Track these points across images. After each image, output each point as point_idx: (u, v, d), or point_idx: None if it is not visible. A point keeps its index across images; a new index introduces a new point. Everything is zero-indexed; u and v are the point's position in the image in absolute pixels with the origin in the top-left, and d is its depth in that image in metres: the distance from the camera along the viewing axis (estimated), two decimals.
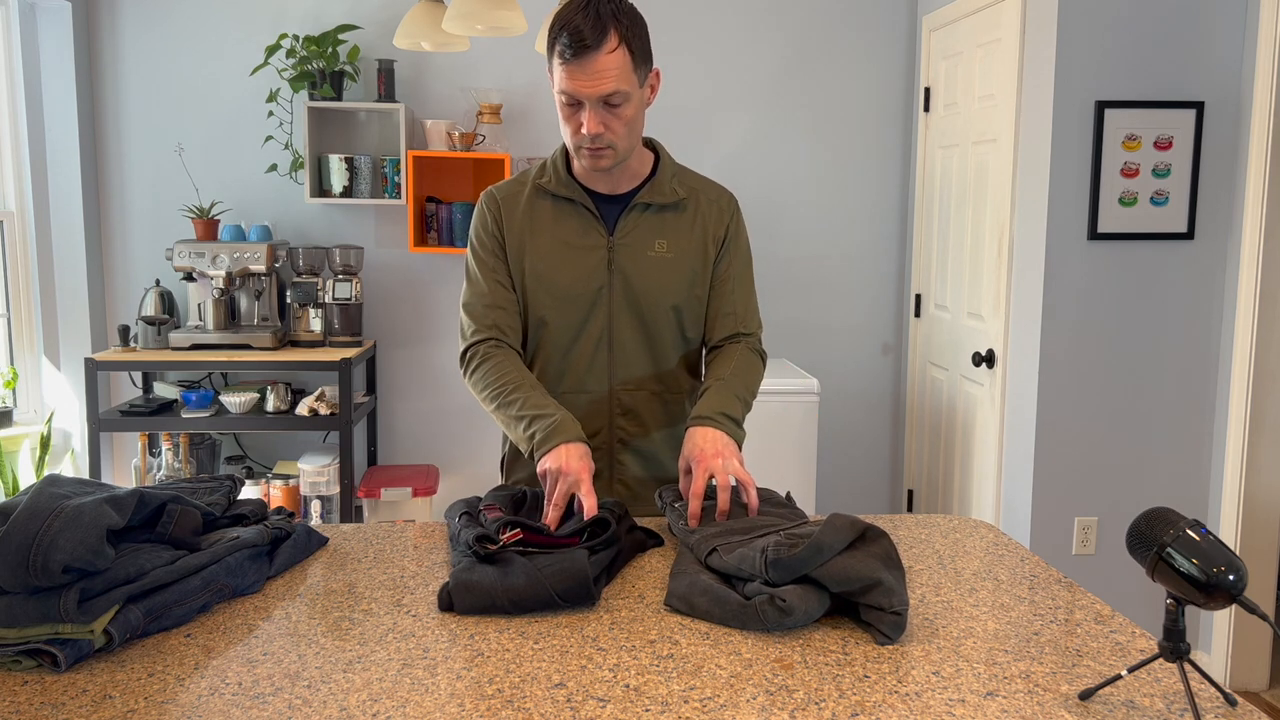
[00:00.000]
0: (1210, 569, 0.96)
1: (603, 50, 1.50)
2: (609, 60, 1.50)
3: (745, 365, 1.71)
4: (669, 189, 1.71)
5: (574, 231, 1.69)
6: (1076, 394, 3.10)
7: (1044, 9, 3.02)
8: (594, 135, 1.55)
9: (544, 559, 1.29)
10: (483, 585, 1.25)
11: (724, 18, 3.99)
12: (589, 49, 1.49)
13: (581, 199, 1.68)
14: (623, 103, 1.55)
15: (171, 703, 1.02)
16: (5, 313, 3.73)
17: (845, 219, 4.13)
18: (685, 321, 1.73)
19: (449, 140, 3.77)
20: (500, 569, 1.27)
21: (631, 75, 1.54)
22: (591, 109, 1.54)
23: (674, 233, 1.71)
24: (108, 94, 3.84)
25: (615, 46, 1.51)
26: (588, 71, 1.51)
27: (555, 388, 1.71)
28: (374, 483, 3.77)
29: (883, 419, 4.26)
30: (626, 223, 1.69)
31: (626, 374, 1.72)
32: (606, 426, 1.72)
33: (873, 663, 1.11)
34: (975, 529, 1.61)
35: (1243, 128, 2.99)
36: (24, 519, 1.10)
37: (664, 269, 1.69)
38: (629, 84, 1.54)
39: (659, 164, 1.72)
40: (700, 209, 1.73)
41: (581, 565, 1.27)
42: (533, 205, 1.70)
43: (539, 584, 1.24)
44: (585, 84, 1.51)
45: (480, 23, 2.54)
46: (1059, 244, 3.04)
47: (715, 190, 1.77)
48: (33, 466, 3.66)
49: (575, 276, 1.67)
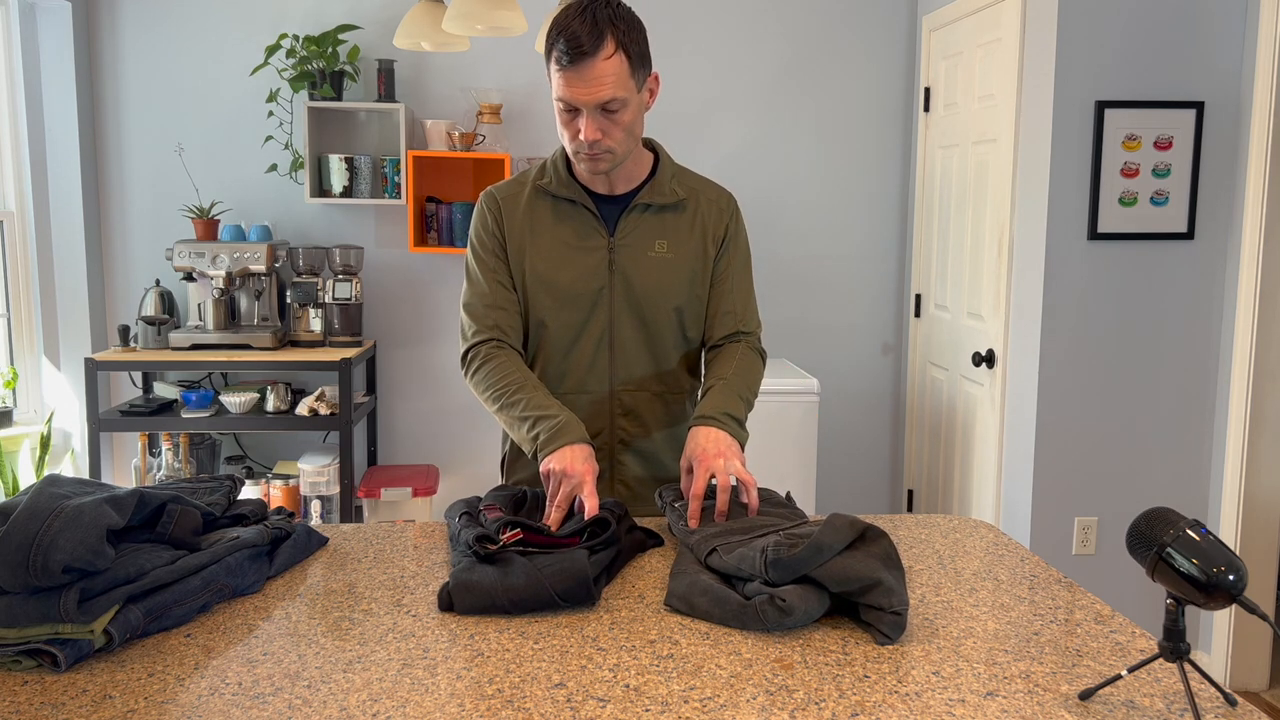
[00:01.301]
0: (1210, 569, 0.96)
1: (599, 56, 1.48)
2: (606, 66, 1.49)
3: (747, 365, 1.71)
4: (669, 189, 1.71)
5: (574, 232, 1.68)
6: (1076, 394, 3.10)
7: (1044, 9, 3.01)
8: (592, 142, 1.55)
9: (544, 559, 1.29)
10: (483, 585, 1.24)
11: (724, 18, 3.99)
12: (586, 55, 1.48)
13: (582, 199, 1.68)
14: (620, 109, 1.54)
15: (171, 703, 1.02)
16: (5, 313, 3.73)
17: (845, 219, 4.13)
18: (686, 322, 1.73)
19: (449, 140, 3.77)
20: (500, 569, 1.27)
21: (629, 81, 1.53)
22: (589, 116, 1.53)
23: (674, 233, 1.71)
24: (108, 94, 3.84)
25: (612, 53, 1.50)
26: (585, 78, 1.50)
27: (556, 388, 1.70)
28: (374, 483, 3.77)
29: (883, 419, 4.26)
30: (627, 223, 1.69)
31: (627, 374, 1.72)
32: (608, 427, 1.72)
33: (873, 663, 1.11)
34: (975, 529, 1.61)
35: (1243, 128, 2.99)
36: (24, 519, 1.10)
37: (664, 269, 1.69)
38: (626, 90, 1.53)
39: (658, 165, 1.72)
40: (700, 209, 1.73)
41: (582, 565, 1.26)
42: (533, 206, 1.70)
43: (539, 584, 1.24)
44: (582, 91, 1.51)
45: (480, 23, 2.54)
46: (1059, 244, 3.04)
47: (715, 190, 1.77)
48: (33, 466, 3.66)
49: (576, 277, 1.67)
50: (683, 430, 1.75)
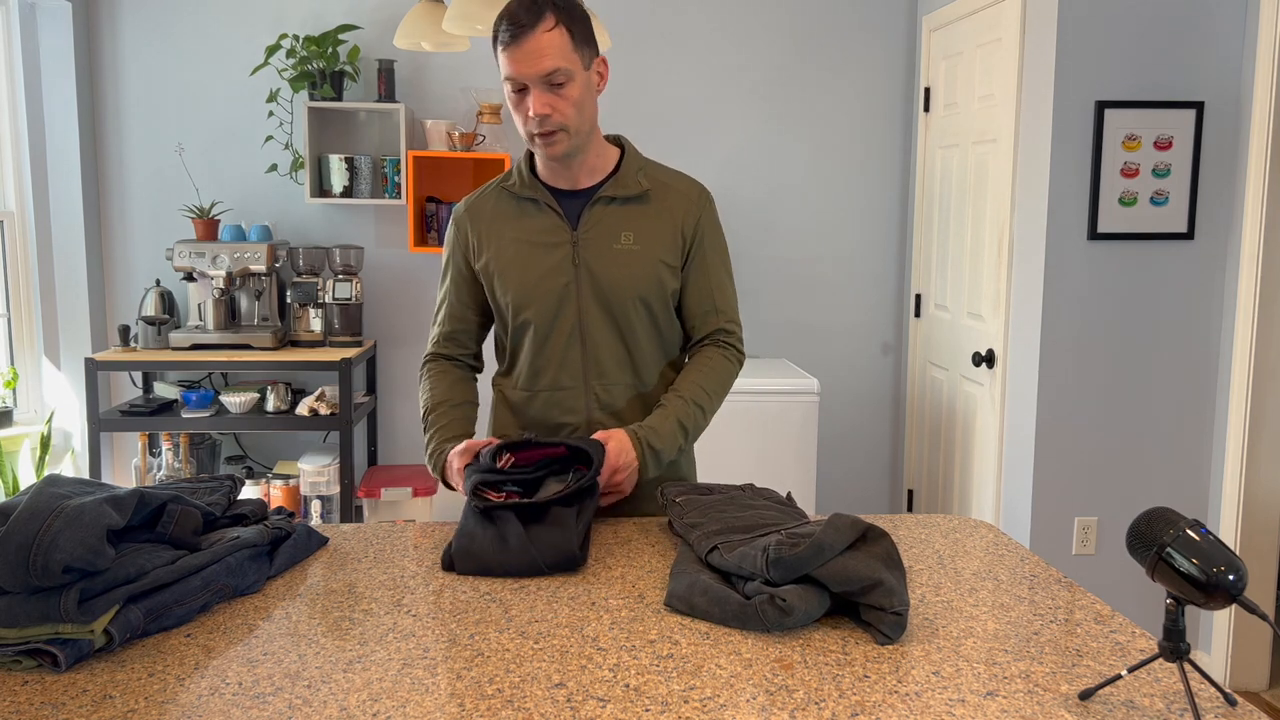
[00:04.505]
0: (1210, 569, 0.96)
1: (540, 30, 1.54)
2: (546, 40, 1.55)
3: (715, 380, 1.75)
4: (633, 182, 1.72)
5: (537, 230, 1.71)
6: (1076, 394, 3.10)
7: (1044, 9, 3.01)
8: (541, 117, 1.58)
9: (538, 530, 1.43)
10: (482, 557, 1.40)
11: (724, 18, 3.99)
12: (525, 29, 1.54)
13: (544, 197, 1.70)
14: (566, 81, 1.58)
15: (171, 703, 1.02)
16: (5, 313, 3.73)
17: (845, 219, 4.12)
18: (656, 313, 1.74)
19: (449, 140, 3.77)
20: (498, 539, 1.41)
21: (573, 54, 1.58)
22: (536, 90, 1.57)
23: (640, 225, 1.71)
24: (108, 94, 3.84)
25: (552, 26, 1.56)
26: (526, 51, 1.55)
27: (533, 384, 1.74)
28: (374, 483, 3.77)
29: (883, 419, 4.26)
30: (590, 216, 1.70)
31: (601, 368, 1.73)
32: (585, 422, 1.73)
33: (873, 663, 1.11)
34: (975, 529, 1.61)
35: (1243, 128, 2.99)
36: (24, 519, 1.10)
37: (630, 261, 1.69)
38: (570, 62, 1.57)
39: (623, 159, 1.74)
40: (668, 201, 1.74)
41: (569, 540, 1.41)
42: (498, 209, 1.74)
43: (531, 558, 1.39)
44: (525, 65, 1.55)
45: (480, 23, 2.54)
46: (1059, 244, 3.04)
47: (685, 183, 1.78)
48: (33, 466, 3.66)
49: (542, 274, 1.69)
50: None
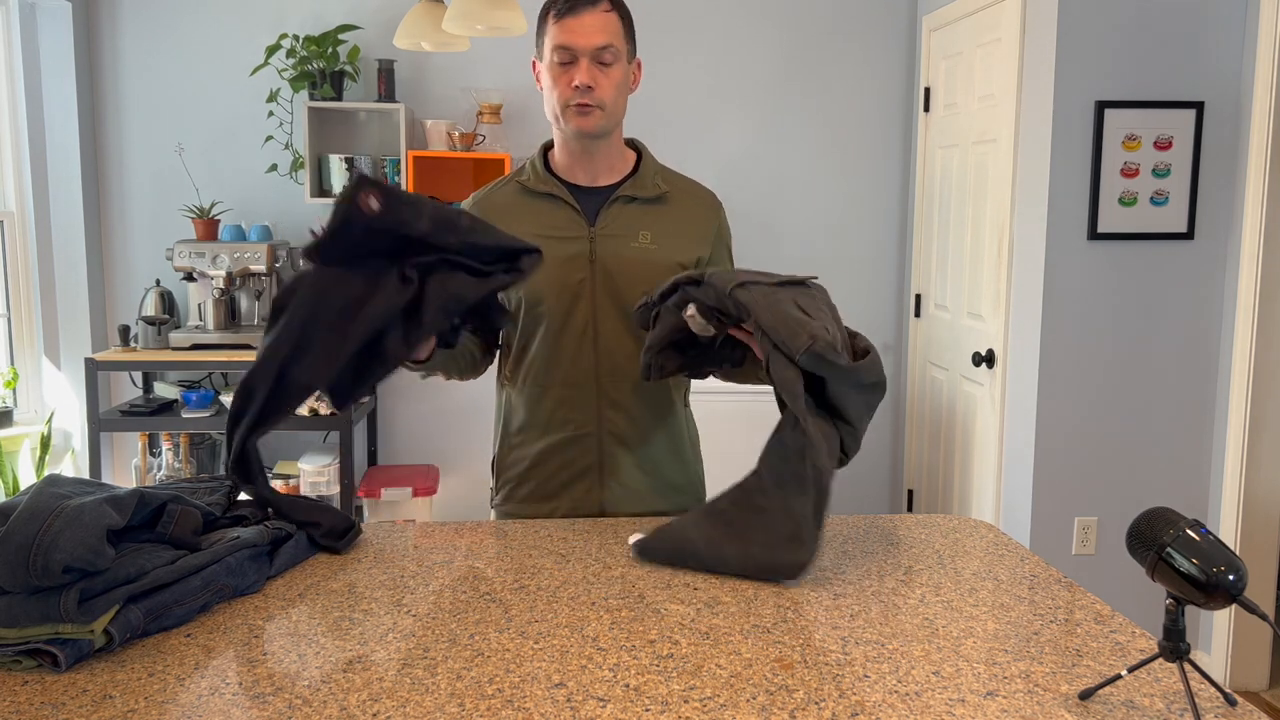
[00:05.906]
0: (1210, 569, 0.96)
1: (599, 8, 1.60)
2: (604, 18, 1.60)
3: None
4: (651, 184, 1.73)
5: (554, 225, 1.70)
6: (1076, 394, 3.10)
7: (1044, 9, 3.01)
8: (585, 88, 1.59)
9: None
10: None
11: (724, 18, 3.99)
12: (586, 4, 1.58)
13: (560, 193, 1.70)
14: (614, 61, 1.61)
15: (171, 703, 1.02)
16: (5, 313, 3.73)
17: (845, 219, 4.12)
18: None
19: (449, 140, 3.77)
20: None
21: (622, 40, 1.63)
22: (585, 62, 1.60)
23: (658, 225, 1.72)
24: (108, 94, 3.84)
25: (609, 9, 1.61)
26: (584, 24, 1.59)
27: (544, 379, 1.73)
28: (374, 483, 3.77)
29: (883, 419, 4.25)
30: (608, 215, 1.70)
31: (613, 366, 1.72)
32: (595, 419, 1.73)
33: (873, 663, 1.11)
34: (975, 529, 1.61)
35: (1243, 128, 2.99)
36: (24, 519, 1.10)
37: (647, 261, 1.70)
38: (620, 45, 1.62)
39: (641, 161, 1.75)
40: (686, 206, 1.75)
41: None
42: (513, 203, 1.73)
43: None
44: (581, 36, 1.59)
45: (480, 23, 2.54)
46: (1059, 244, 3.04)
47: (700, 189, 1.80)
48: (33, 466, 3.66)
49: (557, 268, 1.68)
50: (673, 425, 1.76)
